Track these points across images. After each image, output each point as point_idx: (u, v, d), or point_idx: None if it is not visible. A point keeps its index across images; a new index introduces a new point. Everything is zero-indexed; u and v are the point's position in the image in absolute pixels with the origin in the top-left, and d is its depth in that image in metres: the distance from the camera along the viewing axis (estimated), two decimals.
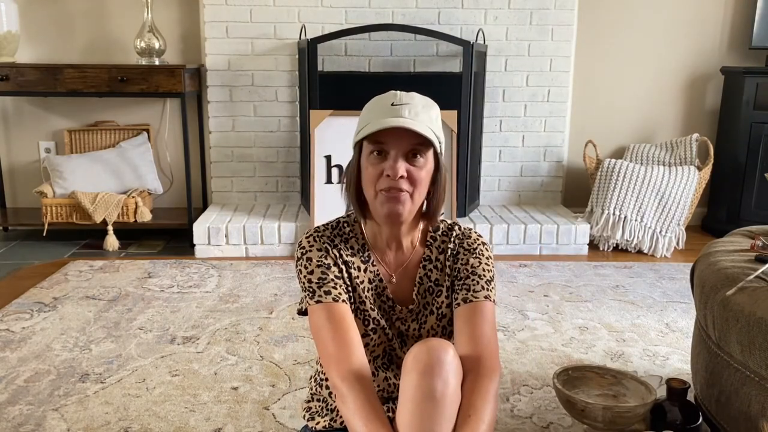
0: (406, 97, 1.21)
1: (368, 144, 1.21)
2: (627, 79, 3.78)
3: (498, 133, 3.60)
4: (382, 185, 1.19)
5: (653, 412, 1.56)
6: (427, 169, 1.22)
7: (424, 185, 1.22)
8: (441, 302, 1.30)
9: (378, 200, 1.20)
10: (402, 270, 1.30)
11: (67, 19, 3.52)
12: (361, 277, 1.28)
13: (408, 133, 1.18)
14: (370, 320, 1.28)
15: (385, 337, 1.30)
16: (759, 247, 1.67)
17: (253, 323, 2.40)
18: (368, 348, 1.28)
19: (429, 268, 1.30)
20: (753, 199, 3.53)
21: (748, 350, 1.43)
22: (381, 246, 1.30)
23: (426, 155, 1.21)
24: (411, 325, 1.31)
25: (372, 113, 1.21)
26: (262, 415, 1.79)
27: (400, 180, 1.18)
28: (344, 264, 1.27)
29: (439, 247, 1.31)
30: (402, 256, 1.30)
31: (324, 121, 3.11)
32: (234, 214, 3.36)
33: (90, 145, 3.58)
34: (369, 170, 1.21)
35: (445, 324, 1.31)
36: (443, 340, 1.15)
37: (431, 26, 3.39)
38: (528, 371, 2.06)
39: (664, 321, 2.48)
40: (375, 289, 1.29)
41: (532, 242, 3.28)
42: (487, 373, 1.17)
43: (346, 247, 1.29)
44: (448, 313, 1.30)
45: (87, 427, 1.72)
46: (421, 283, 1.30)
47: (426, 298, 1.30)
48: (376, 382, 1.30)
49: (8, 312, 2.48)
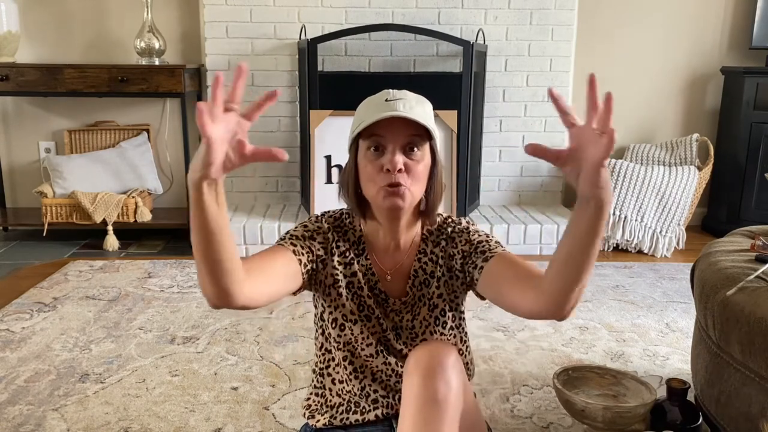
0: (399, 93, 1.21)
1: (365, 141, 1.21)
2: (627, 79, 3.78)
3: (498, 133, 3.60)
4: (382, 181, 1.19)
5: (653, 412, 1.56)
6: (425, 163, 1.22)
7: (422, 179, 1.22)
8: (432, 293, 1.30)
9: (379, 196, 1.20)
10: (398, 268, 1.31)
11: (67, 19, 3.52)
12: (356, 268, 1.29)
13: (404, 124, 1.18)
14: (365, 306, 1.29)
15: (380, 327, 1.30)
16: (759, 247, 1.67)
17: (253, 323, 2.40)
18: (363, 334, 1.29)
19: (424, 261, 1.31)
20: (753, 199, 3.53)
21: (748, 350, 1.43)
22: (379, 245, 1.30)
23: (423, 148, 1.21)
24: (405, 316, 1.31)
25: (366, 111, 1.21)
26: (262, 415, 1.79)
27: (398, 174, 1.18)
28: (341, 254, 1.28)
29: (434, 241, 1.32)
30: (399, 256, 1.31)
31: (324, 121, 3.11)
32: (234, 214, 3.36)
33: (90, 145, 3.58)
34: (368, 168, 1.21)
35: (437, 314, 1.30)
36: (445, 343, 1.14)
37: (431, 26, 3.39)
38: (528, 371, 2.06)
39: (664, 321, 2.48)
40: (368, 282, 1.30)
41: (532, 242, 3.28)
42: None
43: (345, 240, 1.30)
44: (440, 304, 1.30)
45: (87, 427, 1.72)
46: (416, 276, 1.30)
47: (421, 290, 1.31)
48: (375, 362, 1.31)
49: (8, 312, 2.48)
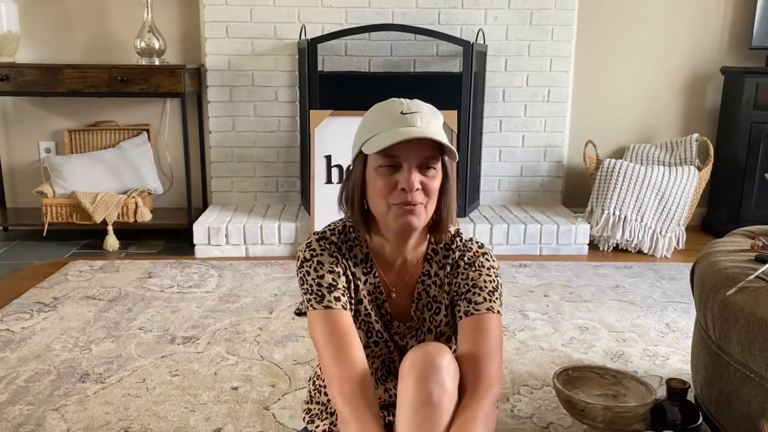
0: (413, 105, 1.17)
1: (379, 157, 1.15)
2: (627, 79, 3.78)
3: (498, 133, 3.60)
4: (396, 200, 1.15)
5: (653, 412, 1.56)
6: (438, 179, 1.19)
7: (436, 195, 1.19)
8: (440, 321, 1.27)
9: (391, 214, 1.16)
10: (402, 285, 1.27)
11: (67, 19, 3.52)
12: (364, 288, 1.25)
13: (421, 143, 1.14)
14: (374, 333, 1.26)
15: (387, 349, 1.28)
16: (759, 247, 1.67)
17: (253, 323, 2.40)
18: (368, 359, 1.26)
19: (428, 284, 1.27)
20: (753, 199, 3.53)
21: (748, 350, 1.43)
22: (385, 260, 1.26)
23: (437, 166, 1.18)
24: (409, 342, 1.28)
25: (380, 123, 1.16)
26: (262, 415, 1.79)
27: (415, 192, 1.14)
28: (352, 275, 1.24)
29: (439, 262, 1.28)
30: (405, 271, 1.27)
31: (324, 121, 3.11)
32: (234, 214, 3.36)
33: (90, 145, 3.58)
34: (379, 183, 1.16)
35: (443, 342, 1.28)
36: (439, 345, 1.13)
37: (431, 26, 3.39)
38: (528, 371, 2.06)
39: (664, 321, 2.48)
40: (375, 301, 1.27)
41: (532, 242, 3.28)
42: (481, 394, 1.12)
43: (351, 256, 1.25)
44: (447, 332, 1.27)
45: (87, 427, 1.72)
46: (420, 299, 1.27)
47: (424, 314, 1.28)
48: (377, 394, 1.27)
49: (8, 312, 2.48)
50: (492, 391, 1.14)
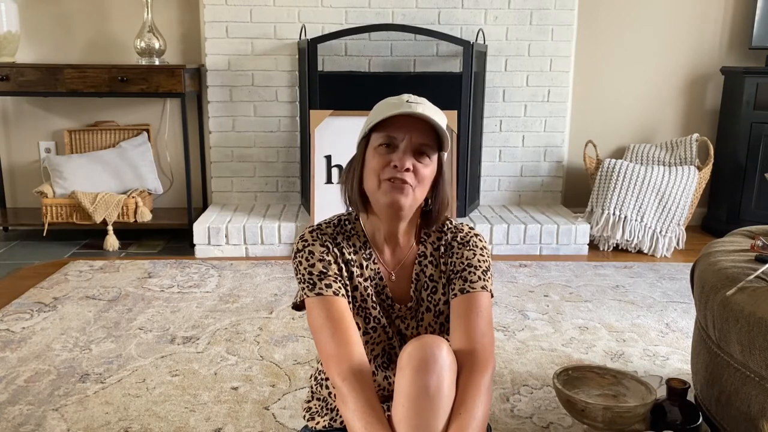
0: (419, 99, 1.23)
1: (378, 136, 1.22)
2: (627, 79, 3.78)
3: (498, 133, 3.61)
4: (386, 174, 1.20)
5: (653, 412, 1.56)
6: (431, 169, 1.23)
7: (426, 183, 1.24)
8: (438, 299, 1.30)
9: (381, 190, 1.21)
10: (400, 268, 1.31)
11: (67, 19, 3.52)
12: (363, 274, 1.28)
13: (420, 129, 1.20)
14: (371, 318, 1.28)
15: (385, 335, 1.30)
16: (759, 247, 1.67)
17: (253, 323, 2.40)
18: (368, 346, 1.29)
19: (424, 264, 1.31)
20: (753, 199, 3.53)
21: (748, 350, 1.43)
22: (380, 242, 1.30)
23: (432, 158, 1.23)
24: (410, 323, 1.31)
25: (385, 108, 1.22)
26: (262, 415, 1.79)
27: (405, 172, 1.19)
28: (345, 263, 1.28)
29: (433, 243, 1.32)
30: (400, 253, 1.31)
31: (324, 121, 3.11)
32: (234, 214, 3.36)
33: (90, 145, 3.58)
34: (374, 161, 1.21)
35: (442, 321, 1.31)
36: (437, 337, 1.15)
37: (431, 26, 3.39)
38: (528, 371, 2.06)
39: (664, 321, 2.48)
40: (375, 287, 1.30)
41: (532, 242, 3.28)
42: (479, 368, 1.17)
43: (348, 245, 1.29)
44: (445, 310, 1.31)
45: (87, 427, 1.72)
46: (418, 280, 1.31)
47: (422, 295, 1.31)
48: (375, 381, 1.30)
49: (8, 312, 2.48)
50: (490, 364, 1.19)
